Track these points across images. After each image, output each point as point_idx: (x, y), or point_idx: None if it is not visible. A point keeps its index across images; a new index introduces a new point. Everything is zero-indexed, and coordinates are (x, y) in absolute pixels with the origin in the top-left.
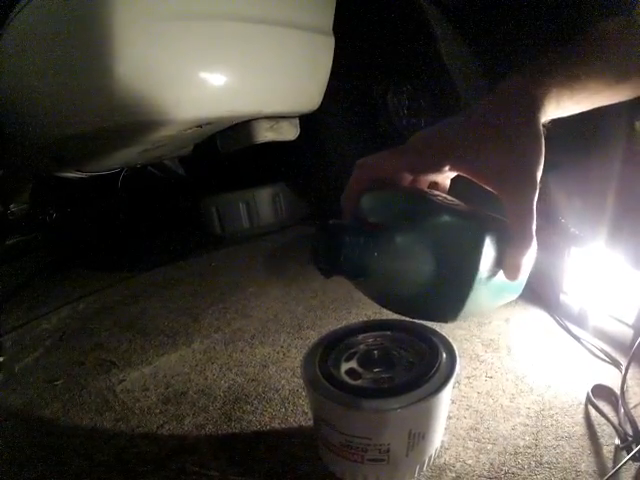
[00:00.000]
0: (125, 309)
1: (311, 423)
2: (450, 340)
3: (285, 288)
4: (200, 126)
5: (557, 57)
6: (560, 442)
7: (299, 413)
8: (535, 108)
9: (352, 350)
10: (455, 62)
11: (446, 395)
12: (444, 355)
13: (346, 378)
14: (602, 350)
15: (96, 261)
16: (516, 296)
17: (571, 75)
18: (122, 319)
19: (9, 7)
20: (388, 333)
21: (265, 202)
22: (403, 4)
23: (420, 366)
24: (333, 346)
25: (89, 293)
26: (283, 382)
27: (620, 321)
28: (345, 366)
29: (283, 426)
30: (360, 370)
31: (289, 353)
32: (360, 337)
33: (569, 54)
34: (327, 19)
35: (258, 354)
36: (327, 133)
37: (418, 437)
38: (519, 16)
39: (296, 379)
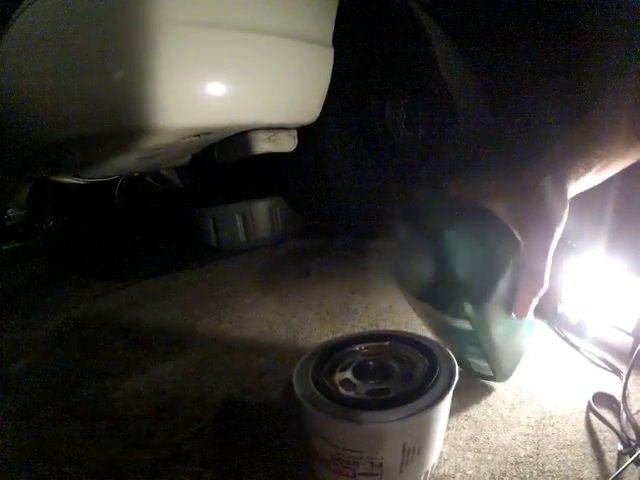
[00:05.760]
0: (120, 317)
1: (303, 436)
2: (449, 351)
3: (281, 299)
4: (198, 135)
5: (574, 140)
6: (562, 450)
7: (294, 424)
8: (560, 190)
9: (347, 360)
10: (453, 76)
11: (444, 408)
12: (442, 367)
13: (339, 389)
14: (602, 358)
15: (91, 269)
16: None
17: (588, 159)
18: (117, 327)
19: (10, 8)
20: (385, 344)
21: (262, 215)
22: (401, 18)
23: (417, 378)
24: (328, 356)
25: (84, 301)
26: (278, 393)
27: (619, 329)
28: (339, 376)
29: (277, 437)
30: (355, 381)
31: (284, 364)
32: (356, 347)
33: (585, 133)
34: (327, 31)
35: (253, 365)
36: (324, 147)
37: (413, 452)
38: (519, 16)
39: (291, 390)
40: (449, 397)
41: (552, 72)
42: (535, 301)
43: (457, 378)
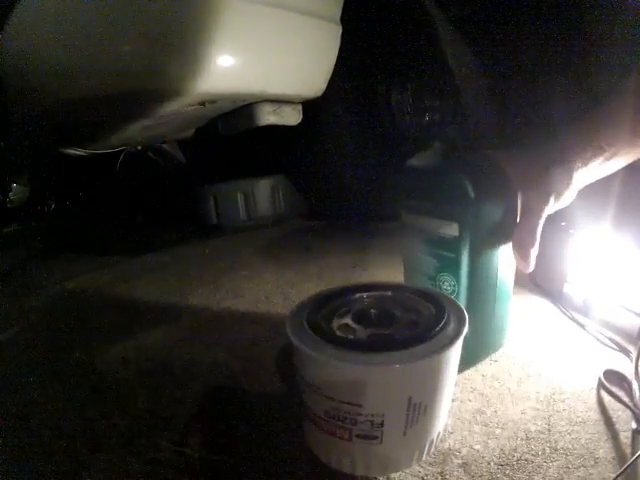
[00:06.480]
0: (113, 289)
1: (296, 405)
2: (457, 301)
3: (279, 272)
4: (203, 104)
5: (584, 131)
6: (574, 427)
7: (286, 391)
8: (567, 170)
9: (346, 308)
10: (457, 62)
11: (454, 357)
12: (450, 314)
13: (337, 333)
14: (610, 338)
15: (89, 246)
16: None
17: (597, 144)
18: (109, 297)
19: None
20: (388, 294)
21: (264, 194)
22: (407, 3)
23: (423, 324)
24: (325, 302)
25: (79, 274)
26: (272, 360)
27: (627, 309)
28: (338, 322)
29: (268, 405)
30: (355, 326)
31: (280, 331)
32: (356, 295)
33: (593, 126)
34: (336, 8)
35: (247, 332)
36: (328, 130)
37: (419, 409)
38: (519, 16)
39: (286, 356)
40: (459, 344)
41: (552, 72)
42: (533, 253)
43: (467, 327)
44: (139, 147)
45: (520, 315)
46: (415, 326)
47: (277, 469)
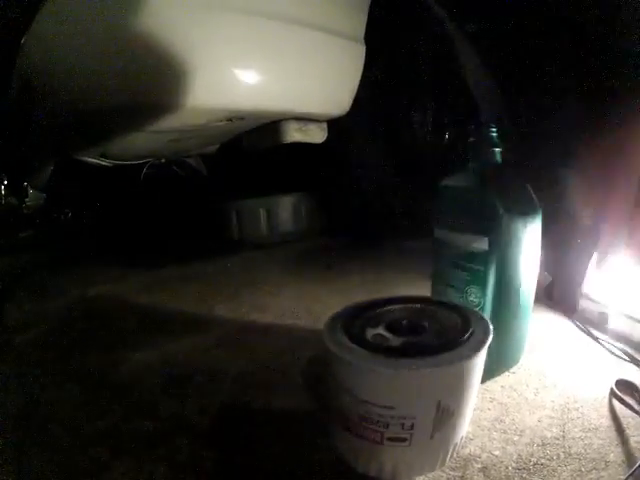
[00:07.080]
0: (136, 298)
1: (322, 412)
2: (482, 314)
3: (302, 288)
4: (230, 120)
5: None
6: (587, 434)
7: (310, 401)
8: None
9: (378, 319)
10: (476, 82)
11: (480, 363)
12: (475, 325)
13: (372, 339)
14: (622, 350)
15: (111, 256)
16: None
17: None
18: (133, 306)
19: None
20: (417, 306)
21: (286, 211)
22: (431, 27)
23: (451, 334)
24: (358, 314)
25: (101, 282)
26: (297, 370)
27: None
28: (371, 332)
29: (292, 413)
30: (387, 335)
31: (306, 344)
32: (387, 308)
33: None
34: (359, 28)
35: (273, 344)
36: (349, 146)
37: (447, 413)
38: (531, 30)
39: (312, 367)
40: (484, 352)
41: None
42: None
43: (491, 335)
44: (163, 160)
45: (537, 329)
46: (444, 335)
47: (299, 474)
